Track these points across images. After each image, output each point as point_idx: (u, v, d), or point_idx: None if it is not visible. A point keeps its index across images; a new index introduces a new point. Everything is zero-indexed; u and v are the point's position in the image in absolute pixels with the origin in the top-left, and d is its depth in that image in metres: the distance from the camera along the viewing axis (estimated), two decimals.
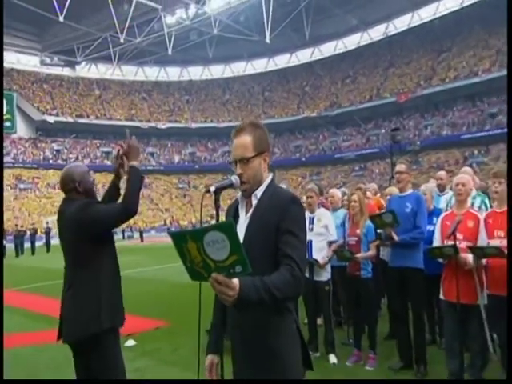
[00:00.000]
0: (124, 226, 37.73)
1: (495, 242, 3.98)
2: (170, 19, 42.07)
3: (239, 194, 2.17)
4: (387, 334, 5.79)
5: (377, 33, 49.78)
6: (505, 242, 3.88)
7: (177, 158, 52.97)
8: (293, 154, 50.19)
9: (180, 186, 50.38)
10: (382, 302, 6.82)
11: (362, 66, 49.15)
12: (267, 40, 40.80)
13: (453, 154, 37.95)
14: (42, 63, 52.54)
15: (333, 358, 5.13)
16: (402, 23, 47.92)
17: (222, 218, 2.03)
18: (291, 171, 48.15)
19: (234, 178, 2.01)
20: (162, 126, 52.53)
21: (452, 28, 43.58)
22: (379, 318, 6.07)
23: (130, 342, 5.50)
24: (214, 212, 1.96)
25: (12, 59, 50.73)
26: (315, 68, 53.36)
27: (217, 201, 1.91)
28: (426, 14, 46.26)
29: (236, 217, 2.14)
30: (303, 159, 48.73)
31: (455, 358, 4.21)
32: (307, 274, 5.13)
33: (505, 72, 36.68)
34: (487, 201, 5.16)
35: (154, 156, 52.16)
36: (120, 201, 3.02)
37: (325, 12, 43.51)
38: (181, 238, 1.58)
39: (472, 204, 4.97)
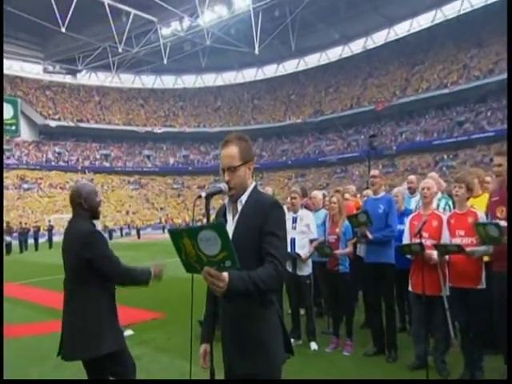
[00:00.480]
0: (122, 223, 37.50)
1: (457, 240, 4.14)
2: (165, 31, 42.02)
3: (226, 200, 2.27)
4: (363, 323, 5.97)
5: (357, 46, 50.27)
6: (465, 241, 4.10)
7: (171, 160, 52.87)
8: (279, 157, 50.32)
9: (174, 186, 50.20)
10: (359, 294, 6.77)
11: (344, 77, 49.42)
12: (256, 51, 40.84)
13: (425, 158, 38.44)
14: (45, 71, 52.25)
15: (313, 345, 5.29)
16: (379, 38, 48.65)
17: (212, 219, 2.11)
18: (278, 173, 48.35)
19: (223, 186, 2.13)
20: (158, 130, 52.37)
21: (424, 43, 44.29)
22: (356, 308, 6.21)
23: (128, 332, 5.44)
24: (205, 213, 2.00)
25: (16, 67, 50.51)
26: (300, 78, 53.65)
27: (207, 205, 1.98)
28: (401, 30, 47.08)
29: (225, 220, 2.23)
30: (289, 162, 48.92)
31: (421, 343, 4.48)
32: (290, 269, 5.39)
33: (471, 84, 37.74)
34: (450, 203, 5.25)
35: (150, 158, 52.07)
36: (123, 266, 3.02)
37: (309, 26, 43.66)
38: (178, 235, 1.73)
39: (438, 206, 5.15)
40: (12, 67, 49.71)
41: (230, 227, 2.13)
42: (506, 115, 35.90)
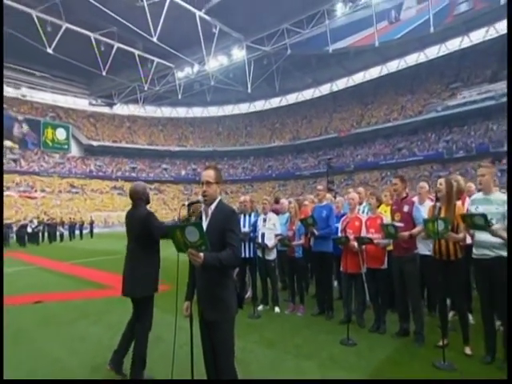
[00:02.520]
0: None
1: (369, 235, 4.53)
2: (180, 74, 41.89)
3: (203, 207, 2.54)
4: (314, 294, 5.94)
5: (325, 89, 50.40)
6: (375, 236, 4.46)
7: (183, 172, 52.42)
8: (266, 171, 50.07)
9: (185, 192, 49.75)
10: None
11: (315, 111, 49.41)
12: (249, 90, 40.67)
13: (374, 174, 38.66)
14: (90, 104, 52.14)
15: (277, 309, 5.58)
16: (341, 84, 48.80)
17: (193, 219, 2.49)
18: (265, 183, 48.01)
19: (201, 198, 2.48)
20: (173, 149, 52.30)
21: (374, 89, 44.44)
22: (310, 284, 6.40)
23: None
24: (188, 215, 2.42)
25: (69, 101, 50.49)
26: (282, 111, 53.52)
27: (189, 210, 2.38)
28: (357, 78, 47.21)
29: (201, 220, 2.51)
30: (273, 175, 48.68)
31: (348, 305, 4.75)
32: (260, 255, 5.63)
33: (406, 121, 37.94)
34: (368, 209, 5.40)
35: (167, 170, 51.66)
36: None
37: (289, 73, 43.66)
38: (173, 229, 2.12)
39: (363, 211, 5.47)
40: (66, 101, 49.96)
41: (204, 225, 2.41)
42: (431, 145, 36.29)
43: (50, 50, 32.63)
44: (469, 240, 3.89)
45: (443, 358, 3.39)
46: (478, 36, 37.09)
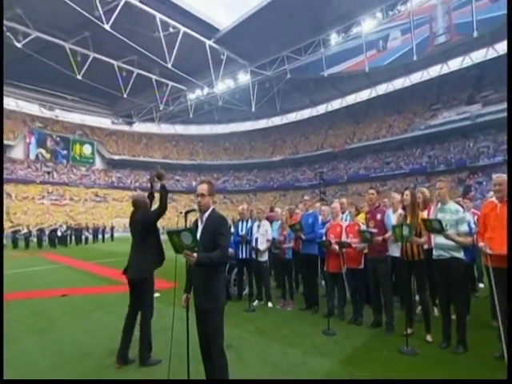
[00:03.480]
0: (160, 225, 37.18)
1: (349, 240, 4.64)
2: (191, 95, 42.09)
3: (199, 214, 2.67)
4: (302, 292, 6.01)
5: (321, 109, 50.45)
6: (354, 240, 4.57)
7: (194, 183, 51.40)
8: (268, 182, 49.90)
9: (195, 201, 49.63)
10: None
11: (312, 129, 49.44)
12: (253, 110, 40.82)
13: (365, 185, 37.54)
14: (112, 123, 52.60)
15: (270, 304, 5.66)
16: (336, 104, 48.79)
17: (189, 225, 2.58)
18: (267, 193, 47.75)
19: (195, 207, 2.63)
20: (185, 162, 52.31)
21: (365, 109, 44.42)
22: (300, 283, 6.38)
23: (156, 294, 5.43)
24: (184, 222, 2.50)
25: (94, 121, 51.02)
26: (283, 129, 53.57)
27: (186, 218, 2.50)
28: (350, 100, 47.23)
29: (196, 226, 2.65)
30: (275, 186, 48.48)
31: (331, 300, 4.86)
32: (252, 257, 5.66)
33: (394, 138, 37.87)
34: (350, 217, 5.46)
35: (180, 181, 51.63)
36: (157, 205, 3.50)
37: (289, 94, 43.81)
38: (171, 234, 2.26)
39: (345, 219, 5.48)
40: (92, 120, 50.54)
41: (200, 229, 2.59)
42: (415, 160, 36.30)
43: (79, 77, 33.22)
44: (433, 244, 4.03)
45: (407, 344, 3.56)
46: (455, 64, 37.42)
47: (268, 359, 3.49)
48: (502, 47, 33.03)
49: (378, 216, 4.41)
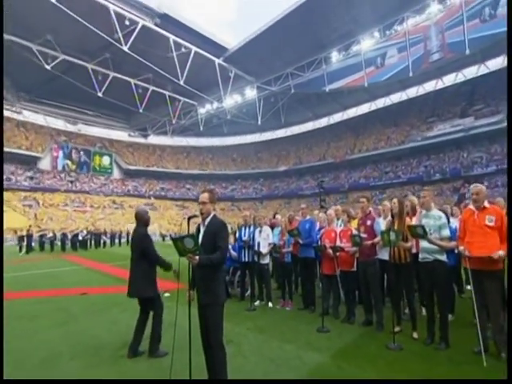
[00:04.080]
0: (172, 232, 35.77)
1: (342, 244, 4.69)
2: (201, 110, 42.35)
3: (201, 219, 2.72)
4: (300, 293, 5.97)
5: (323, 122, 50.31)
6: (347, 244, 4.61)
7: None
8: (273, 191, 49.81)
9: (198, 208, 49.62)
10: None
11: (315, 140, 49.42)
12: (259, 123, 40.94)
13: (365, 193, 37.54)
14: (129, 135, 53.14)
15: (270, 304, 5.68)
16: (337, 117, 48.57)
17: (192, 229, 2.60)
18: (272, 201, 47.47)
19: (197, 213, 2.68)
20: (196, 172, 52.42)
21: (364, 122, 44.21)
22: (299, 284, 6.29)
23: (167, 294, 5.60)
24: (187, 227, 2.51)
25: (113, 134, 51.69)
26: (287, 141, 53.53)
27: (188, 222, 2.53)
28: (350, 113, 46.99)
29: (199, 230, 2.73)
30: (280, 194, 48.33)
31: (326, 301, 4.89)
32: (256, 259, 5.68)
33: (392, 149, 37.61)
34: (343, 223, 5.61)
35: (190, 190, 51.60)
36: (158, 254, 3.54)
37: (293, 108, 43.87)
38: (175, 240, 2.37)
39: (340, 225, 5.44)
40: (110, 134, 51.26)
41: (201, 233, 2.67)
42: (412, 169, 36.07)
43: (100, 94, 33.96)
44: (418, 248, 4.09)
45: (393, 340, 3.63)
46: (449, 79, 37.35)
47: (265, 353, 3.57)
48: (492, 64, 33.01)
49: (368, 222, 4.49)
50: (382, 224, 4.54)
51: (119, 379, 2.93)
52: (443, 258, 3.67)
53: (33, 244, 20.07)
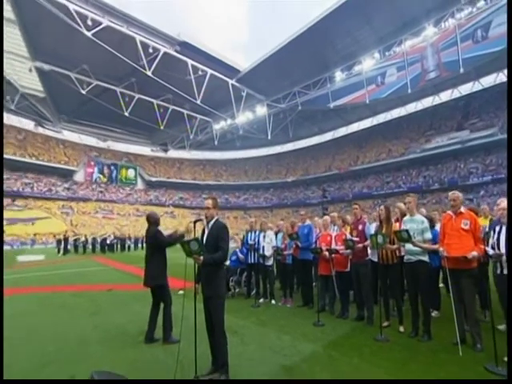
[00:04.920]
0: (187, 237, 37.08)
1: (337, 247, 4.78)
2: (216, 126, 42.51)
3: (205, 223, 2.87)
4: (300, 291, 6.00)
5: (328, 136, 50.06)
6: (341, 247, 4.71)
7: (218, 201, 51.84)
8: (282, 200, 49.58)
9: (220, 216, 48.58)
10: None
11: (321, 153, 49.28)
12: (269, 137, 41.09)
13: (368, 202, 37.11)
14: (151, 150, 53.98)
15: (273, 301, 5.76)
16: (341, 131, 48.29)
17: (198, 231, 2.78)
18: (281, 210, 47.09)
19: (203, 217, 2.86)
20: (211, 183, 52.78)
21: (367, 136, 43.95)
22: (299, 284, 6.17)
23: (181, 292, 5.65)
24: (193, 229, 2.67)
25: (137, 149, 52.80)
26: (295, 153, 53.48)
27: (194, 225, 2.70)
28: (353, 127, 46.72)
29: (204, 232, 2.86)
30: (288, 203, 48.02)
31: (322, 299, 4.98)
32: (261, 261, 5.77)
33: (392, 160, 37.14)
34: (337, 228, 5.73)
35: (206, 199, 51.74)
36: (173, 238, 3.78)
37: (300, 123, 43.95)
38: (183, 243, 2.55)
39: (335, 230, 5.59)
40: (135, 149, 52.40)
41: (206, 234, 2.81)
42: (412, 180, 35.62)
43: (126, 114, 35.15)
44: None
45: (381, 332, 3.72)
46: (445, 95, 36.90)
47: (264, 343, 3.71)
48: (486, 81, 32.58)
49: (360, 227, 4.60)
50: (372, 229, 4.63)
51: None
52: (425, 258, 3.76)
53: (68, 247, 20.77)
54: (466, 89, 34.89)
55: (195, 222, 2.78)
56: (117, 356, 3.35)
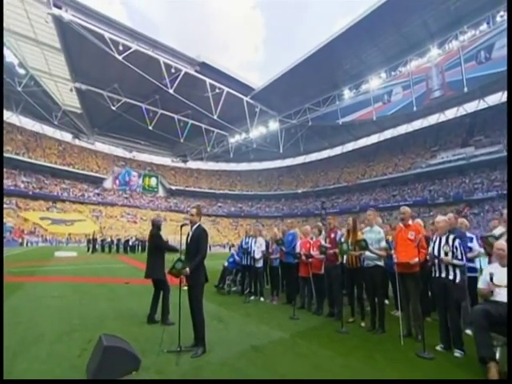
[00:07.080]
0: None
1: (313, 252, 5.17)
2: (232, 139, 43.39)
3: (190, 227, 3.24)
4: (285, 291, 6.40)
5: (337, 150, 50.16)
6: (316, 252, 5.25)
7: (232, 209, 53.00)
8: (293, 210, 49.76)
9: (233, 224, 50.20)
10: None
11: (330, 166, 49.26)
12: (281, 151, 41.52)
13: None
14: (172, 161, 55.44)
15: (262, 299, 6.14)
16: (350, 146, 48.45)
17: (183, 237, 3.18)
18: (292, 219, 46.24)
19: (187, 222, 3.20)
20: (226, 192, 53.59)
21: (374, 151, 44.05)
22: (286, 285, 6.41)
23: (184, 288, 6.27)
24: (179, 232, 3.07)
25: (159, 160, 54.52)
26: (305, 166, 53.72)
27: (181, 229, 3.10)
28: (361, 142, 46.79)
29: (188, 234, 3.22)
30: (298, 213, 48.13)
31: (302, 297, 5.34)
32: (251, 263, 6.17)
33: (399, 174, 36.97)
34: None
35: (221, 207, 52.62)
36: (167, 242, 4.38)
37: (310, 138, 44.33)
38: (170, 270, 3.05)
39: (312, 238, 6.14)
40: (157, 159, 54.02)
41: (189, 237, 3.19)
42: (418, 193, 35.29)
43: (150, 127, 36.86)
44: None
45: (342, 326, 4.16)
46: (450, 113, 36.72)
47: (244, 329, 4.20)
48: (491, 99, 32.23)
49: (332, 235, 5.06)
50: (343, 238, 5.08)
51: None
52: (381, 263, 4.21)
53: (96, 246, 21.98)
54: (472, 107, 34.56)
55: (182, 226, 3.31)
56: (125, 330, 3.99)
